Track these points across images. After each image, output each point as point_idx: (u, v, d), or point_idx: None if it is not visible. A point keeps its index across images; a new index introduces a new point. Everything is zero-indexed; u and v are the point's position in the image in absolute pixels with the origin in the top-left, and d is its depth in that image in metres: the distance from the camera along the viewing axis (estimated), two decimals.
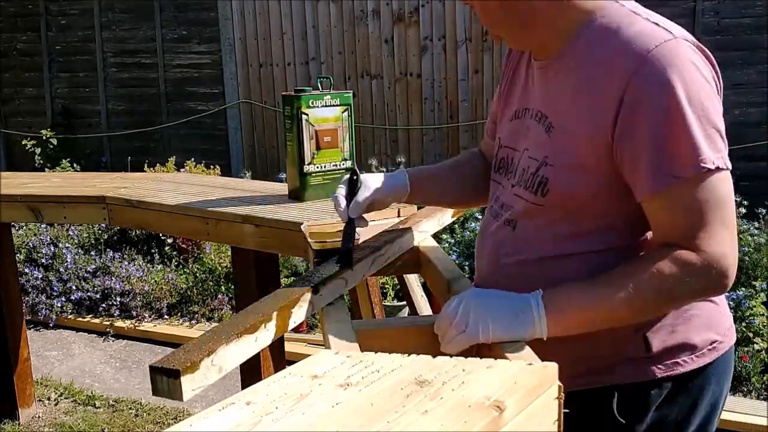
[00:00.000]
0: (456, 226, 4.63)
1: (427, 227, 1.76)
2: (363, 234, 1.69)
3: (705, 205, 1.10)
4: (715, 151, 1.09)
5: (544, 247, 1.24)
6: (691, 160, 1.08)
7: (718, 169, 1.09)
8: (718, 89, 1.14)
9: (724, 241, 1.11)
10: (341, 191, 1.43)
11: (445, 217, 1.91)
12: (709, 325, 1.26)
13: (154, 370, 0.99)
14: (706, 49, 1.16)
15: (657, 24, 1.15)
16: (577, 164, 1.18)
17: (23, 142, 6.66)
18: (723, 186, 1.10)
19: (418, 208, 2.11)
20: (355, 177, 1.42)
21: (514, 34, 1.25)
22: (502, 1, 1.19)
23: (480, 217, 4.48)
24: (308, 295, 1.26)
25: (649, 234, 1.20)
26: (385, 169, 5.79)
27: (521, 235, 1.27)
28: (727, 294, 1.33)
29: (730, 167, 1.11)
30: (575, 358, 1.18)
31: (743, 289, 3.72)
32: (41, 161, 6.55)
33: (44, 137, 6.60)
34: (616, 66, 1.11)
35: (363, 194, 1.41)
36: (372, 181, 1.43)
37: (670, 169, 1.09)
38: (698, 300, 1.20)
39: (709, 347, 1.26)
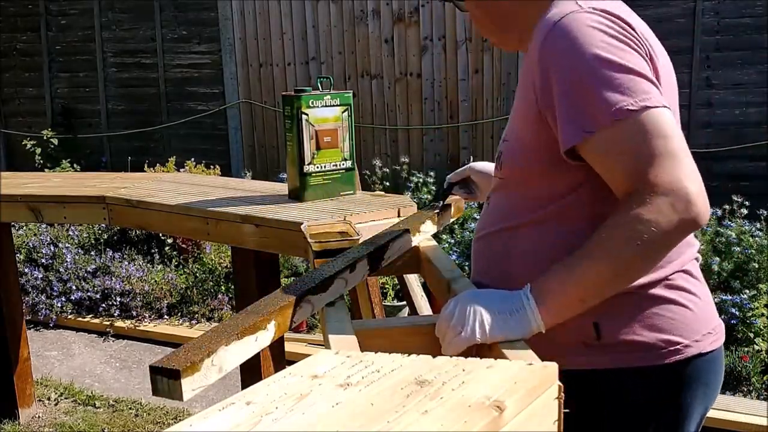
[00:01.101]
0: (456, 226, 4.64)
1: (427, 228, 1.76)
2: (365, 234, 1.69)
3: (638, 145, 1.10)
4: (634, 95, 1.11)
5: (503, 218, 1.34)
6: (599, 111, 1.11)
7: (645, 108, 1.10)
8: (636, 42, 1.16)
9: (674, 169, 1.08)
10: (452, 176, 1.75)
11: (444, 217, 1.91)
12: (671, 327, 1.24)
13: (154, 370, 0.99)
14: (621, 15, 1.19)
15: (579, 5, 1.20)
16: (518, 138, 1.29)
17: (23, 142, 6.66)
18: (654, 121, 1.10)
19: (419, 208, 2.11)
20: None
21: (498, 36, 1.39)
22: (482, 8, 1.35)
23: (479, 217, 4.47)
24: (308, 296, 1.26)
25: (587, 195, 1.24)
26: (387, 170, 5.80)
27: (488, 210, 1.40)
28: (729, 297, 1.33)
29: (660, 104, 1.11)
30: (532, 341, 1.18)
31: (747, 290, 3.72)
32: (41, 161, 6.55)
33: (45, 137, 6.60)
34: (535, 43, 1.22)
35: (462, 169, 1.73)
36: (475, 163, 1.72)
37: (580, 124, 1.13)
38: (681, 237, 1.12)
39: (667, 348, 1.24)
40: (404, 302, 3.71)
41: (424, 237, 1.73)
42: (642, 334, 1.24)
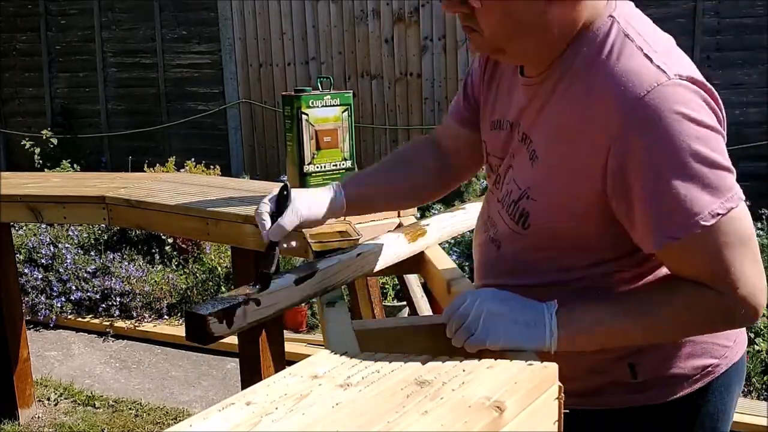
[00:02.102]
0: None
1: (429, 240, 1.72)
2: (365, 234, 1.69)
3: (722, 250, 1.04)
4: (721, 195, 1.02)
5: (530, 275, 1.20)
6: (689, 219, 1.02)
7: (730, 209, 1.03)
8: (720, 123, 1.06)
9: (752, 278, 1.06)
10: (266, 208, 1.28)
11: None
12: (703, 352, 1.23)
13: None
14: (705, 82, 1.06)
15: (650, 59, 1.05)
16: (561, 205, 1.13)
17: (23, 143, 6.66)
18: (739, 224, 1.04)
19: (419, 208, 2.10)
20: (285, 193, 1.29)
21: (515, 46, 1.14)
22: (505, 4, 1.10)
23: None
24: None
25: (645, 263, 1.17)
26: None
27: (505, 258, 1.24)
28: None
29: (742, 199, 1.05)
30: (565, 380, 1.15)
31: None
32: (40, 161, 6.55)
33: (44, 137, 6.59)
34: (604, 109, 1.04)
35: (289, 217, 1.27)
36: (301, 202, 1.30)
37: (667, 231, 1.04)
38: (720, 331, 1.17)
39: (703, 372, 1.23)
40: (404, 302, 3.71)
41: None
42: (675, 366, 1.22)
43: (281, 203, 1.28)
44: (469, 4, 1.14)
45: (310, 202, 1.32)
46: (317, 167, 2.38)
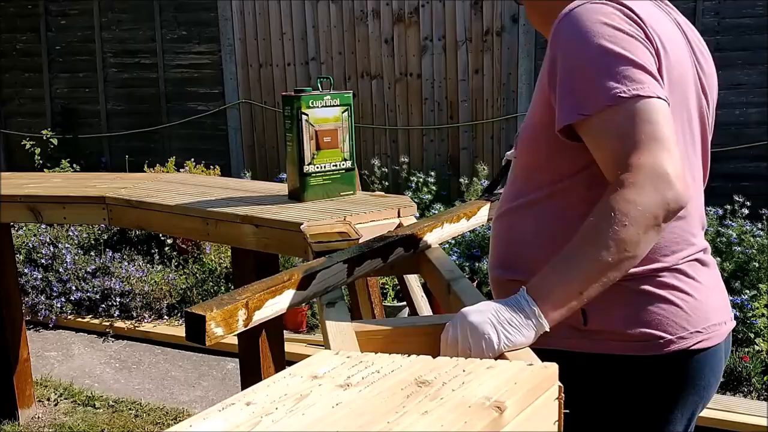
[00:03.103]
0: None
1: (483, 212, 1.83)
2: (365, 234, 1.69)
3: (626, 130, 1.14)
4: (626, 84, 1.15)
5: (510, 198, 1.40)
6: (592, 96, 1.17)
7: (637, 96, 1.15)
8: (647, 37, 1.21)
9: (657, 153, 1.12)
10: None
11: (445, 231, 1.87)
12: (658, 323, 1.26)
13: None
14: (631, 6, 1.23)
15: None
16: (531, 119, 1.34)
17: (22, 143, 6.65)
18: (645, 110, 1.15)
19: (419, 208, 2.10)
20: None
21: (544, 29, 1.41)
22: (530, 6, 1.47)
23: None
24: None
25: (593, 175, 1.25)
26: (386, 170, 5.80)
27: (508, 187, 1.45)
28: (730, 297, 1.33)
29: (653, 95, 1.16)
30: None
31: (748, 291, 3.72)
32: (41, 161, 6.55)
33: (44, 137, 6.59)
34: (550, 33, 1.28)
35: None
36: None
37: (574, 106, 1.19)
38: (666, 216, 1.14)
39: (645, 340, 1.26)
40: (404, 302, 3.71)
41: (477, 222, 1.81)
42: (626, 325, 1.27)
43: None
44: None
45: None
46: (317, 167, 2.38)
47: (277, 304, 1.28)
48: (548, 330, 1.13)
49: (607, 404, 1.31)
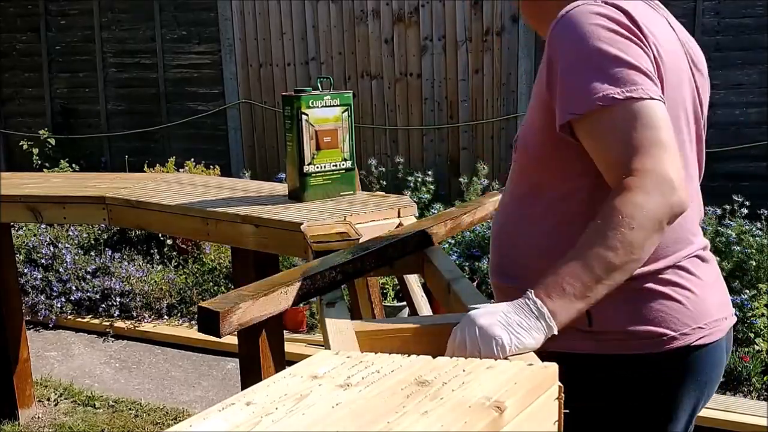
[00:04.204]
0: None
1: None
2: (365, 234, 1.69)
3: (625, 133, 1.15)
4: (621, 85, 1.16)
5: (512, 205, 1.40)
6: (586, 96, 1.17)
7: (631, 98, 1.15)
8: (641, 39, 1.22)
9: (659, 157, 1.13)
10: None
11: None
12: (662, 320, 1.28)
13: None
14: (628, 9, 1.24)
15: None
16: (531, 122, 1.34)
17: (21, 143, 6.65)
18: (642, 112, 1.15)
19: (419, 208, 2.10)
20: None
21: (540, 29, 1.45)
22: (524, 6, 1.48)
23: None
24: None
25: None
26: (384, 169, 5.80)
27: (507, 194, 1.45)
28: (731, 297, 1.34)
29: (648, 96, 1.16)
30: None
31: (747, 290, 3.72)
32: (40, 161, 6.55)
33: (42, 137, 6.58)
34: (548, 33, 1.29)
35: None
36: None
37: (570, 106, 1.20)
38: (671, 219, 1.15)
39: (651, 337, 1.27)
40: (404, 302, 3.71)
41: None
42: (631, 324, 1.28)
43: None
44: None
45: None
46: (317, 167, 2.38)
47: None
48: (557, 332, 1.12)
49: (610, 403, 1.31)
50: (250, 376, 2.44)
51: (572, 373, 1.23)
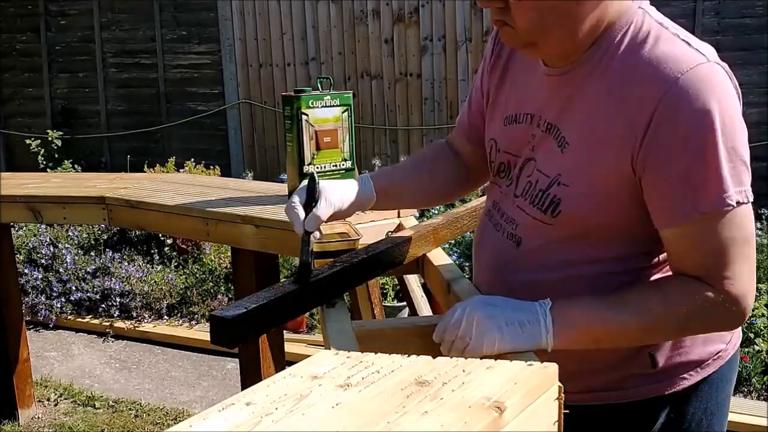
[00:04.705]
0: None
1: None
2: (365, 234, 1.69)
3: (729, 242, 1.06)
4: (739, 185, 1.05)
5: (554, 268, 1.19)
6: (717, 196, 1.04)
7: (738, 203, 1.05)
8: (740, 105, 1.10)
9: (746, 280, 1.09)
10: (297, 199, 1.26)
11: None
12: (714, 336, 1.26)
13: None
14: (731, 73, 1.09)
15: (688, 43, 1.08)
16: (595, 189, 1.12)
17: (27, 143, 6.64)
18: (746, 221, 1.07)
19: (423, 213, 2.10)
20: (314, 185, 1.27)
21: (548, 40, 1.12)
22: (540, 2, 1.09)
23: None
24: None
25: (663, 256, 1.17)
26: None
27: (527, 254, 1.22)
28: None
29: (751, 199, 1.07)
30: (577, 371, 1.16)
31: None
32: (44, 162, 6.54)
33: (49, 138, 6.58)
34: (644, 89, 1.05)
35: (322, 207, 1.25)
36: (332, 192, 1.28)
37: (694, 205, 1.05)
38: (710, 332, 1.19)
39: (714, 357, 1.26)
40: (404, 302, 3.71)
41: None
42: (691, 353, 1.24)
43: (310, 195, 1.27)
44: (508, 4, 1.11)
45: (341, 193, 1.30)
46: (317, 168, 2.38)
47: None
48: (549, 350, 1.09)
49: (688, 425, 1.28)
50: (250, 376, 2.44)
51: (642, 420, 1.23)
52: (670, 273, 1.16)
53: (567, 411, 0.95)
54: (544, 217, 1.18)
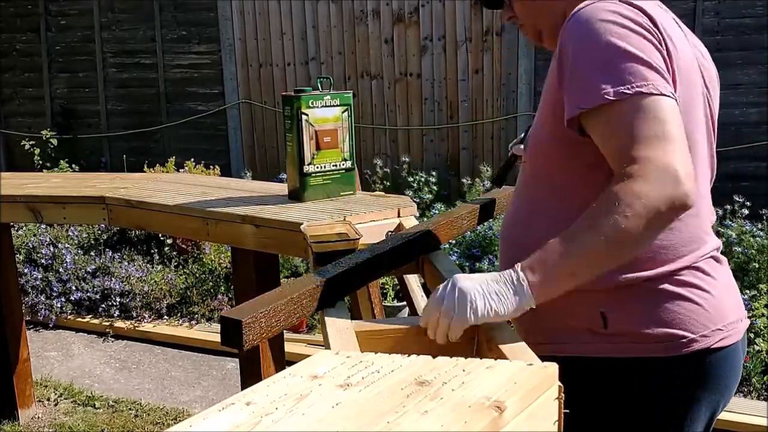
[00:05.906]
0: None
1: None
2: (365, 234, 1.69)
3: (632, 126, 1.14)
4: (631, 80, 1.16)
5: (523, 205, 1.40)
6: (597, 91, 1.17)
7: (640, 93, 1.15)
8: (655, 36, 1.21)
9: (664, 150, 1.11)
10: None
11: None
12: (680, 322, 1.26)
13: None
14: (642, 6, 1.24)
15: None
16: (542, 121, 1.34)
17: (22, 143, 6.65)
18: (652, 107, 1.14)
19: (419, 208, 2.10)
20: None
21: (544, 27, 1.43)
22: (521, 6, 1.43)
23: None
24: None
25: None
26: (388, 170, 5.80)
27: (513, 199, 1.46)
28: None
29: (659, 92, 1.15)
30: (541, 326, 1.29)
31: (748, 291, 3.72)
32: (41, 161, 6.55)
33: (44, 137, 6.59)
34: (560, 32, 1.29)
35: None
36: None
37: (579, 100, 1.19)
38: (671, 214, 1.12)
39: (674, 342, 1.25)
40: (404, 302, 3.71)
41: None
42: (647, 326, 1.26)
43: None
44: (511, 5, 1.44)
45: None
46: (317, 167, 2.38)
47: None
48: (534, 307, 1.14)
49: (626, 407, 1.30)
50: (250, 376, 2.44)
51: (586, 377, 1.24)
52: None
53: (567, 411, 0.95)
54: (524, 156, 1.43)
